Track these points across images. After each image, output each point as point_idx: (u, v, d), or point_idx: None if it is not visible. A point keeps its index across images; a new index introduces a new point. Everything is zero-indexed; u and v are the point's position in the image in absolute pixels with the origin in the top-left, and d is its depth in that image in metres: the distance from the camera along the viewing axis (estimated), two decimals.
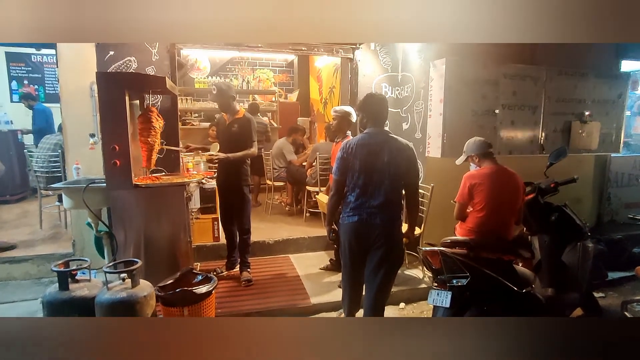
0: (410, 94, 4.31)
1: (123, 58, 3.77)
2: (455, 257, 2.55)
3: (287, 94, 8.66)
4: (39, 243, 4.31)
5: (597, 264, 3.18)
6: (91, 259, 2.65)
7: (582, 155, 4.58)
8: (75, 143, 3.92)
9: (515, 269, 2.74)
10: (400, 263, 2.54)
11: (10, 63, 7.64)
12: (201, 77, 7.80)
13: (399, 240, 2.49)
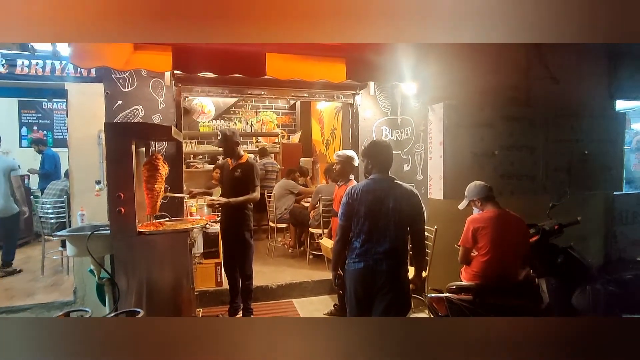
0: (410, 137, 4.40)
1: (130, 107, 3.90)
2: (461, 304, 2.50)
3: (290, 135, 8.83)
4: (39, 290, 4.26)
5: (609, 307, 3.10)
6: (92, 306, 2.62)
7: (585, 194, 4.58)
8: (81, 189, 3.98)
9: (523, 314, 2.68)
10: (407, 310, 2.49)
11: (22, 110, 7.88)
12: (206, 120, 7.99)
13: (406, 286, 2.45)
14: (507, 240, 2.76)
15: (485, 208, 2.90)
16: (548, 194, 4.18)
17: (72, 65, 3.85)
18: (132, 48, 3.25)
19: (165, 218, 3.61)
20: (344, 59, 3.54)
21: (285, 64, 3.40)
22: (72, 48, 3.13)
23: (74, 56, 3.14)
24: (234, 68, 3.32)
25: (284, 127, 8.98)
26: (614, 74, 4.83)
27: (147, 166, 3.34)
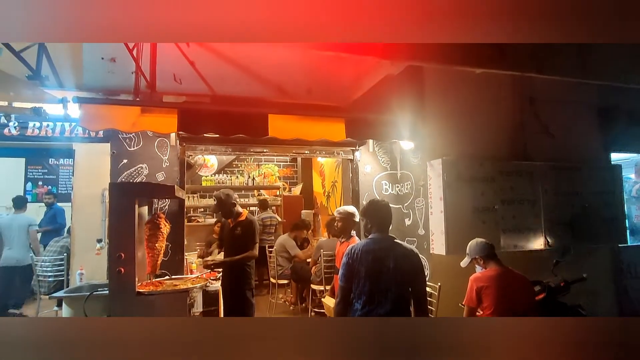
0: (410, 191, 4.44)
1: (135, 165, 3.99)
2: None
3: (291, 187, 8.91)
4: None
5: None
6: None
7: (589, 247, 4.53)
8: (81, 247, 3.97)
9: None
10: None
11: (29, 166, 8.04)
12: (209, 174, 8.11)
13: None
14: (512, 300, 2.69)
15: (488, 266, 2.86)
16: (551, 248, 4.14)
17: (82, 127, 4.00)
18: (140, 111, 3.39)
19: (165, 276, 3.57)
20: (343, 118, 3.67)
21: (287, 124, 3.52)
22: (82, 111, 3.27)
23: (84, 119, 3.26)
24: (237, 129, 3.43)
25: (286, 179, 9.08)
26: (607, 127, 4.96)
27: (149, 225, 3.35)
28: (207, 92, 3.70)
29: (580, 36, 1.77)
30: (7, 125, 4.01)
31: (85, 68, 3.54)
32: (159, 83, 3.54)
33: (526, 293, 2.76)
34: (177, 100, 3.65)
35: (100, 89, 3.55)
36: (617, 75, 3.77)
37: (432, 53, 3.08)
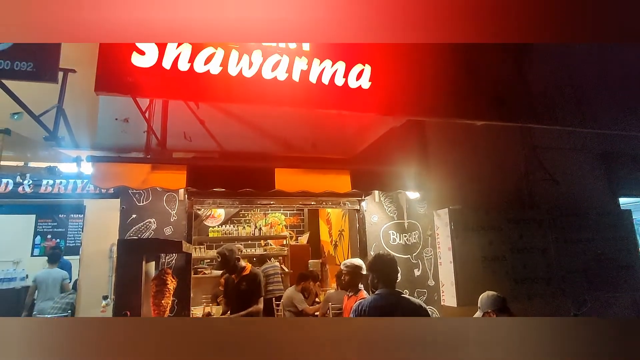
0: (419, 241, 4.40)
1: (144, 220, 4.03)
2: None
3: (298, 236, 8.86)
4: None
5: None
6: None
7: (607, 296, 4.38)
8: (87, 303, 3.93)
9: None
10: None
11: (39, 220, 8.13)
12: (215, 224, 8.14)
13: None
14: None
15: None
16: (567, 297, 4.01)
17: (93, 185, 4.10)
18: (150, 168, 3.49)
19: None
20: (348, 170, 3.73)
21: (293, 177, 3.58)
22: (94, 170, 3.37)
23: (96, 177, 3.36)
24: (244, 183, 3.49)
25: (292, 227, 9.05)
26: (612, 172, 4.97)
27: (155, 281, 3.34)
28: (216, 148, 3.82)
29: (580, 36, 1.82)
30: (22, 184, 4.13)
31: (99, 128, 3.70)
32: (170, 141, 3.68)
33: None
34: (186, 157, 3.76)
35: (113, 148, 3.68)
36: (615, 123, 3.85)
37: (431, 108, 3.19)
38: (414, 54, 3.21)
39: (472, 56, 3.53)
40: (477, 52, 3.54)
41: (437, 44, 3.30)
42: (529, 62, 3.83)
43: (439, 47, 3.26)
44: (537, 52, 3.93)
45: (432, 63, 3.32)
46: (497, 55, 3.61)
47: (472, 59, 3.53)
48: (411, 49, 3.20)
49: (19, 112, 3.04)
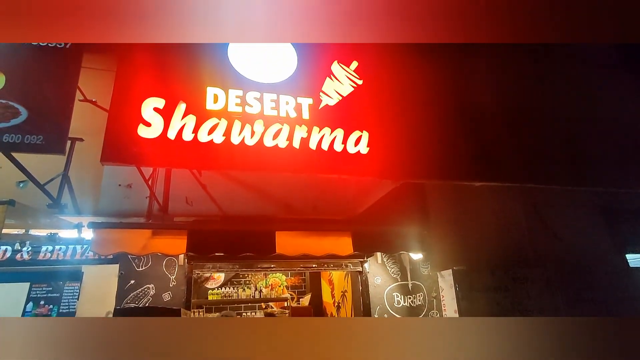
0: (424, 303, 4.27)
1: (142, 286, 3.94)
2: None
3: (300, 297, 8.59)
4: None
5: None
6: None
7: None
8: None
9: None
10: None
11: (33, 285, 7.92)
12: (215, 286, 7.92)
13: None
14: None
15: None
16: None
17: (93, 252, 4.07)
18: (150, 234, 3.48)
19: None
20: (349, 232, 3.72)
21: (294, 241, 3.57)
22: (94, 236, 3.36)
23: (96, 244, 3.34)
24: (245, 248, 3.48)
25: (293, 288, 8.80)
26: (616, 229, 4.93)
27: None
28: (217, 212, 3.84)
29: (581, 36, 1.86)
30: (21, 251, 4.09)
31: (102, 194, 3.74)
32: (171, 205, 3.71)
33: None
34: (187, 220, 3.77)
35: (114, 213, 3.69)
36: (612, 181, 3.89)
37: (428, 170, 3.26)
38: (410, 120, 3.34)
39: (466, 118, 3.67)
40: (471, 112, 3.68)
41: (433, 110, 3.45)
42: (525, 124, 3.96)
43: (434, 112, 3.40)
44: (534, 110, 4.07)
45: (427, 127, 3.45)
46: (491, 114, 3.75)
47: (466, 121, 3.67)
48: (408, 115, 3.34)
49: (25, 181, 3.09)
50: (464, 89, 3.84)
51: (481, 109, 3.77)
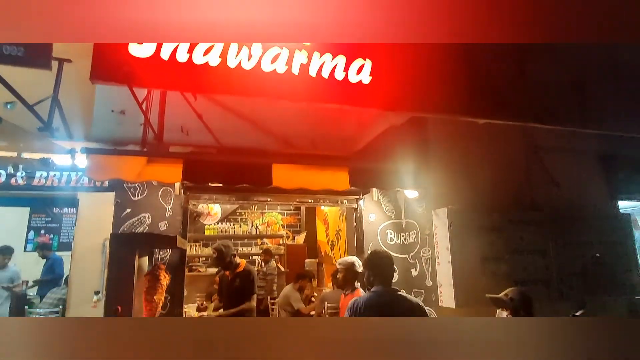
0: (416, 240, 4.35)
1: (138, 214, 3.96)
2: None
3: (295, 235, 8.81)
4: None
5: None
6: None
7: (605, 299, 4.34)
8: (78, 299, 3.86)
9: None
10: None
11: (33, 215, 8.04)
12: (212, 223, 8.07)
13: None
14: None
15: None
16: (565, 300, 3.97)
17: (87, 177, 4.04)
18: (146, 161, 3.42)
19: None
20: (346, 168, 3.68)
21: (291, 174, 3.53)
22: (89, 161, 3.31)
23: (90, 169, 3.29)
24: (241, 178, 3.44)
25: (289, 227, 9.00)
26: (613, 175, 4.94)
27: (148, 277, 3.27)
28: (213, 143, 3.77)
29: (581, 36, 1.80)
30: (15, 175, 4.05)
31: (95, 120, 3.63)
32: (166, 134, 3.61)
33: None
34: (183, 151, 3.71)
35: (108, 140, 3.62)
36: (617, 125, 3.81)
37: (433, 104, 3.15)
38: (415, 49, 3.16)
39: (475, 53, 3.49)
40: (481, 49, 3.49)
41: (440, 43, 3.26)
42: (533, 61, 3.79)
43: (441, 43, 3.22)
44: (542, 51, 3.88)
45: (434, 59, 3.28)
46: (500, 52, 3.57)
47: (476, 55, 3.49)
48: (413, 45, 3.15)
49: (13, 102, 2.97)
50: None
51: (490, 44, 3.58)
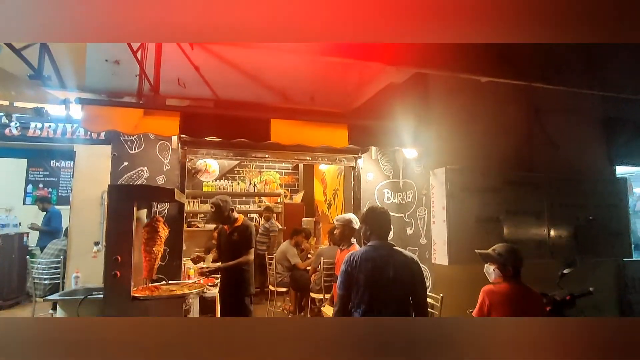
0: (413, 200, 4.39)
1: (136, 168, 3.95)
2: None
3: (292, 195, 8.86)
4: None
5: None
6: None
7: (594, 261, 4.46)
8: (78, 250, 3.92)
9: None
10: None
11: (30, 168, 8.03)
12: (210, 180, 8.08)
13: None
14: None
15: (507, 280, 2.70)
16: (555, 260, 4.06)
17: (83, 128, 3.98)
18: (142, 113, 3.37)
19: (162, 281, 3.51)
20: (345, 125, 3.64)
21: (289, 130, 3.49)
22: (84, 112, 3.25)
23: (86, 120, 3.24)
24: (239, 133, 3.40)
25: (287, 186, 9.04)
26: (613, 139, 4.92)
27: (147, 228, 3.31)
28: (211, 97, 3.67)
29: (581, 36, 1.76)
30: (9, 125, 3.99)
31: (88, 69, 3.52)
32: (163, 86, 3.52)
33: (537, 313, 2.66)
34: (180, 104, 3.63)
35: (103, 91, 3.52)
36: (624, 87, 3.74)
37: (437, 60, 3.05)
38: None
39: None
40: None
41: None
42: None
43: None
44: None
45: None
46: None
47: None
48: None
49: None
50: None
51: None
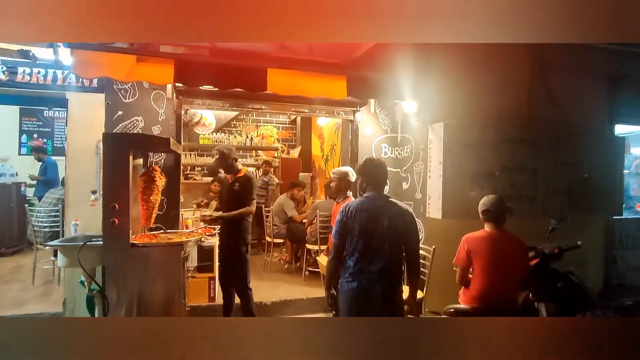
0: (410, 155, 4.39)
1: (130, 117, 3.89)
2: None
3: (290, 149, 8.83)
4: (29, 300, 4.17)
5: None
6: None
7: (585, 218, 4.54)
8: (76, 199, 3.94)
9: None
10: None
11: (23, 118, 7.90)
12: (206, 132, 8.00)
13: (400, 307, 2.40)
14: (504, 263, 2.70)
15: (486, 226, 2.83)
16: (547, 216, 4.14)
17: (74, 75, 3.87)
18: (135, 60, 3.26)
19: (160, 230, 3.57)
20: (344, 76, 3.55)
21: (286, 80, 3.41)
22: (74, 57, 3.14)
23: (76, 66, 3.14)
24: (235, 82, 3.32)
25: (284, 141, 8.98)
26: (613, 98, 4.85)
27: (144, 177, 3.31)
28: (206, 44, 3.55)
29: (581, 36, 1.72)
30: None
31: None
32: None
33: (519, 257, 2.76)
34: (174, 51, 3.51)
35: None
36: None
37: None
38: None
39: None
40: None
41: None
42: None
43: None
44: None
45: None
46: None
47: None
48: None
49: None
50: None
51: None
